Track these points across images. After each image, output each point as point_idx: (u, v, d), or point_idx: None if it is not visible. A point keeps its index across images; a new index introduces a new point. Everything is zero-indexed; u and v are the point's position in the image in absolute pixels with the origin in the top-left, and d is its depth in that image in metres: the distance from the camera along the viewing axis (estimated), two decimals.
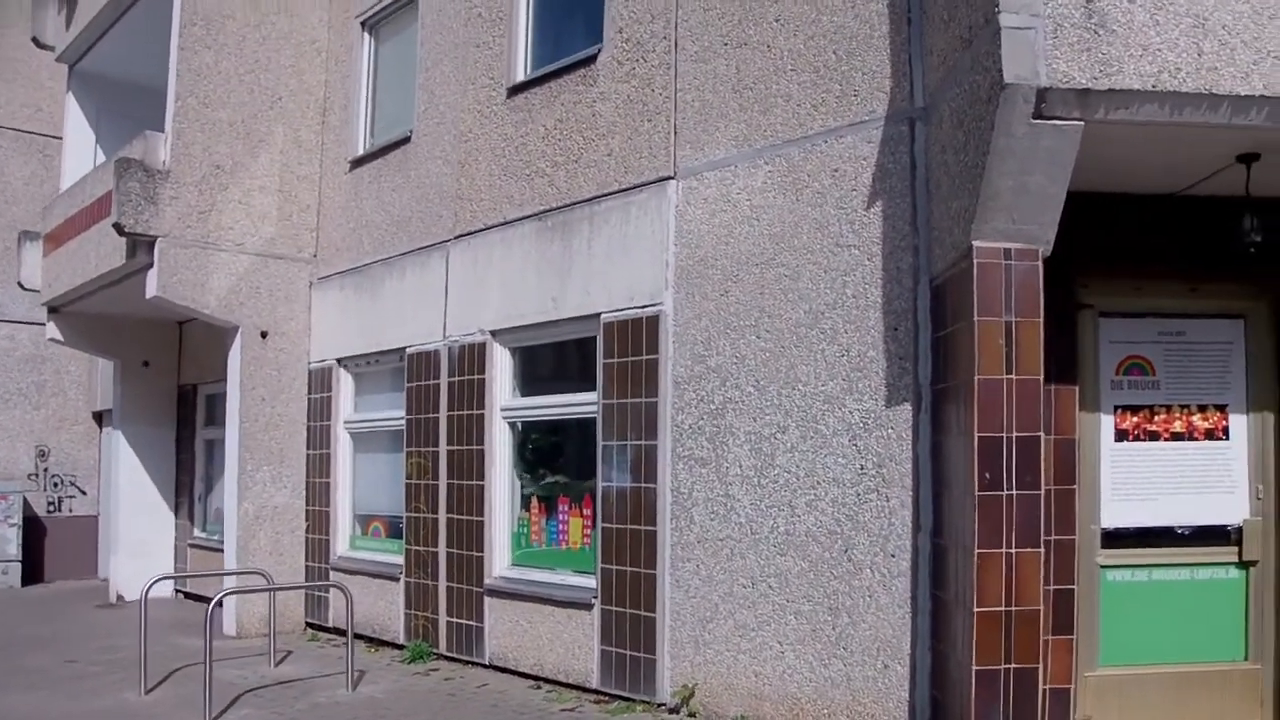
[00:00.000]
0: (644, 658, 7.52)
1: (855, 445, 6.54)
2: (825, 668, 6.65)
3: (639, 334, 7.62)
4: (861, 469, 6.52)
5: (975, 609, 5.62)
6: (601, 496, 7.87)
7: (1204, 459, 6.68)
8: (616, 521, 7.73)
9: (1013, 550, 5.63)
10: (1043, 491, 5.74)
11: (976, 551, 5.63)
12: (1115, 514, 6.57)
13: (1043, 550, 5.71)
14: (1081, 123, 5.27)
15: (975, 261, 5.68)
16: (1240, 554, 6.63)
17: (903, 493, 6.35)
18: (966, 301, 5.67)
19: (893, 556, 6.39)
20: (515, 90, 8.96)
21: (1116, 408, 6.60)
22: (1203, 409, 6.67)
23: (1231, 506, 6.65)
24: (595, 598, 7.88)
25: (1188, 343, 6.68)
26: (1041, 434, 5.73)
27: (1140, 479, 6.61)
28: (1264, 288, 6.61)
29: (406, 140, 10.11)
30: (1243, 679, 6.56)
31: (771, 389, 6.96)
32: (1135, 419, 6.61)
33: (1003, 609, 5.63)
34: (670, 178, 7.59)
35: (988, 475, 5.63)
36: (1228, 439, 6.66)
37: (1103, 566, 6.56)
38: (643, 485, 7.57)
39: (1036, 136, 5.31)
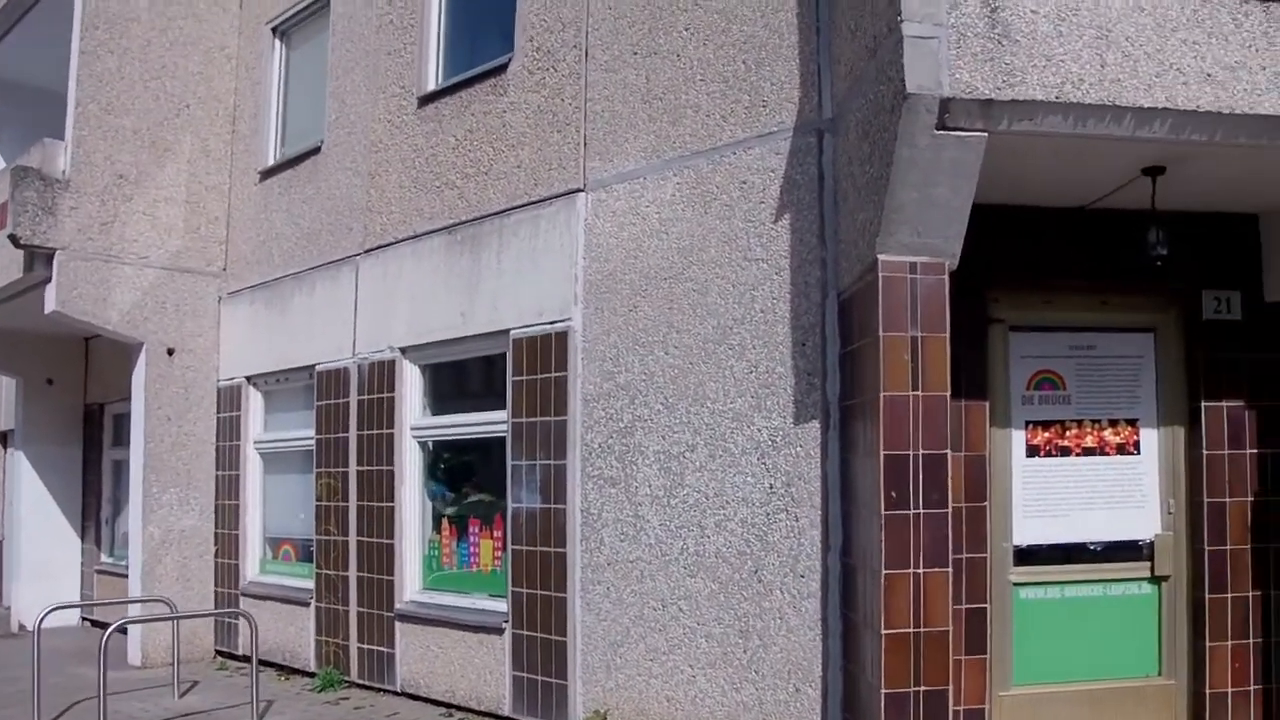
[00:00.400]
0: (555, 683, 7.31)
1: (764, 464, 6.38)
2: (737, 692, 6.48)
3: (548, 351, 7.42)
4: (770, 488, 6.36)
5: (883, 631, 5.49)
6: (511, 518, 7.66)
7: (1115, 474, 6.61)
8: (527, 543, 7.52)
9: (920, 570, 5.50)
10: (950, 510, 5.63)
11: (883, 572, 5.51)
12: (1027, 531, 6.47)
13: (952, 570, 5.60)
14: (985, 134, 5.16)
15: (880, 275, 5.56)
16: (1152, 569, 6.57)
17: (812, 512, 6.20)
18: (872, 316, 5.55)
19: (802, 577, 6.24)
20: (426, 100, 8.74)
21: (1028, 423, 6.51)
22: (1114, 423, 6.59)
23: (1143, 521, 6.59)
24: (506, 622, 7.67)
25: (1098, 357, 6.61)
26: (949, 451, 5.62)
27: (1052, 495, 6.52)
28: (1173, 300, 6.55)
29: (317, 150, 9.85)
30: (1157, 694, 6.49)
31: (680, 406, 6.79)
32: (1046, 434, 6.51)
33: (911, 630, 5.50)
34: (580, 190, 7.40)
35: (894, 494, 5.50)
36: (1139, 453, 6.59)
37: (1015, 584, 6.45)
38: (552, 506, 7.37)
39: (940, 147, 5.19)
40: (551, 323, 7.45)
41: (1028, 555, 6.52)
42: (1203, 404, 6.56)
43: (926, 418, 5.52)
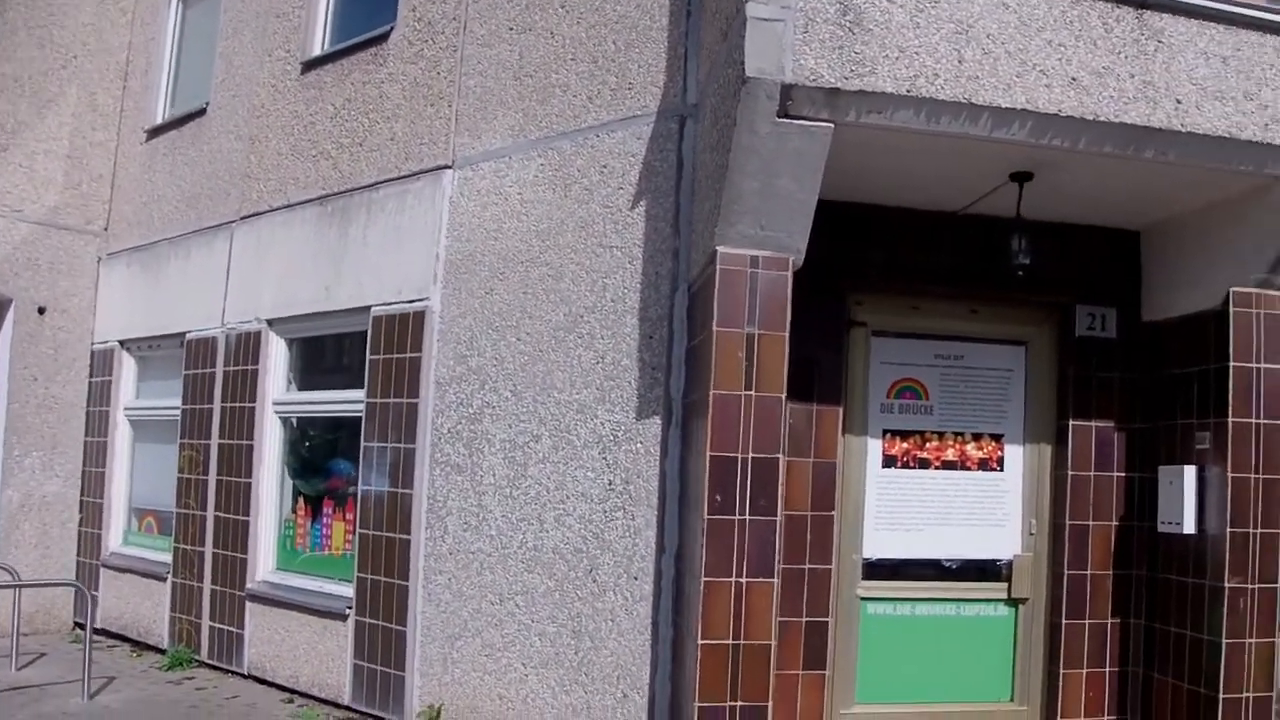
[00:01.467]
0: (394, 674, 6.99)
1: (605, 458, 6.07)
2: (567, 694, 6.17)
3: (405, 330, 7.09)
4: (610, 484, 6.05)
5: (700, 640, 5.18)
6: (361, 501, 7.31)
7: (977, 490, 6.34)
8: (374, 528, 7.18)
9: (744, 580, 5.21)
10: (781, 518, 5.43)
11: (703, 579, 5.16)
12: (879, 544, 6.20)
13: (782, 581, 5.34)
14: (831, 125, 4.87)
15: (718, 268, 5.25)
16: (1010, 590, 6.31)
17: (648, 512, 5.90)
18: (709, 310, 5.21)
19: (636, 579, 5.93)
20: (310, 66, 8.38)
21: (886, 432, 6.22)
22: (978, 438, 6.33)
23: (1003, 541, 6.32)
24: (350, 608, 7.33)
25: (966, 368, 6.34)
26: (782, 456, 5.38)
27: (908, 508, 6.24)
28: (1047, 314, 6.30)
29: (202, 112, 9.46)
30: None
31: (528, 395, 6.46)
32: (905, 445, 6.23)
33: (730, 642, 5.22)
34: (447, 167, 7.06)
35: (719, 497, 5.21)
36: (1002, 470, 6.33)
37: (863, 599, 6.17)
38: (399, 490, 7.03)
39: (783, 137, 4.88)
40: (410, 302, 7.11)
41: (878, 569, 6.25)
42: (1071, 422, 6.31)
43: (759, 419, 5.22)
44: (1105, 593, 6.35)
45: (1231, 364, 5.75)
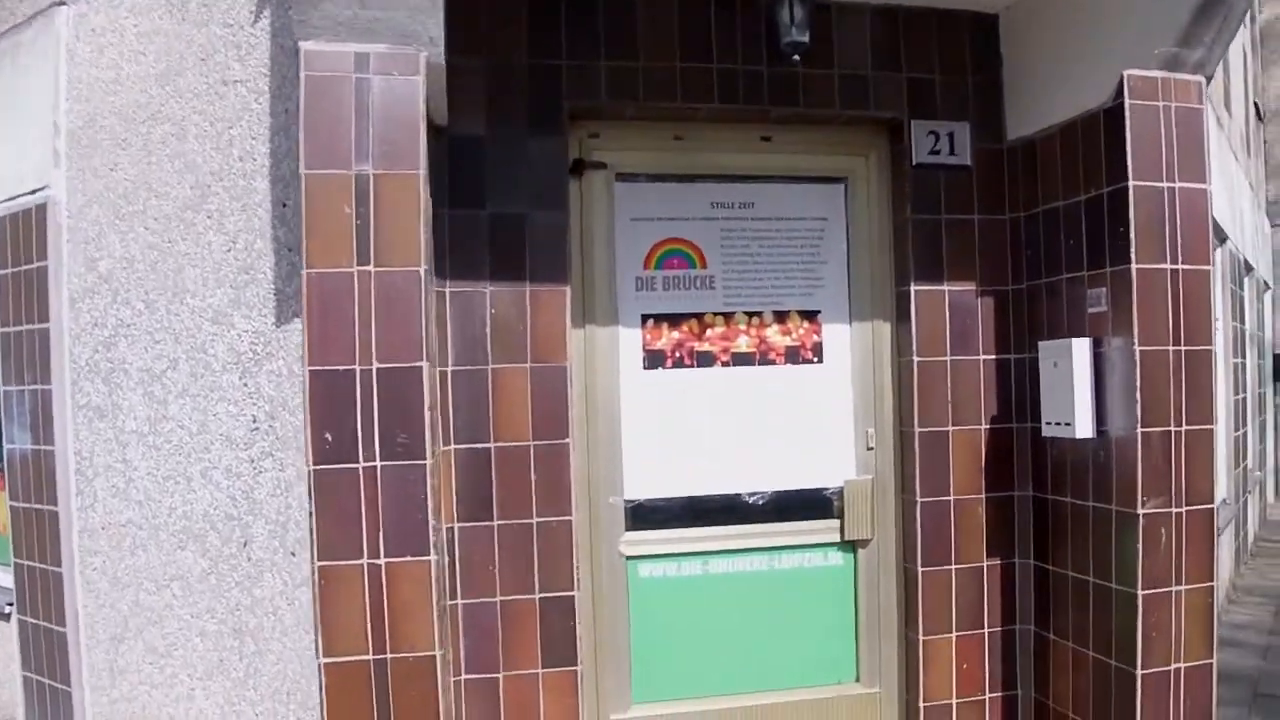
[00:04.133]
0: (61, 689, 5.07)
1: (246, 385, 4.15)
2: (236, 716, 4.22)
3: (28, 232, 5.10)
4: (254, 422, 4.14)
5: (322, 659, 3.18)
6: (7, 463, 5.32)
7: (786, 393, 4.47)
8: (23, 498, 5.22)
9: (380, 561, 3.26)
10: (431, 462, 3.59)
11: (316, 564, 3.17)
12: (647, 480, 4.30)
13: (437, 558, 3.57)
14: None
15: (302, 74, 3.27)
16: (844, 530, 4.36)
17: (298, 458, 3.92)
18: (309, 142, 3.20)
19: (293, 555, 4.05)
20: None
21: (646, 318, 4.26)
22: (782, 318, 4.39)
23: (829, 462, 4.39)
24: (11, 604, 5.35)
25: (759, 220, 4.38)
26: (425, 363, 3.48)
27: (686, 426, 4.35)
28: (872, 136, 4.45)
29: None
30: (855, 709, 4.42)
31: (161, 304, 4.51)
32: (676, 335, 4.24)
33: (369, 658, 3.26)
34: (62, 2, 4.92)
35: (328, 437, 3.17)
36: (821, 361, 4.37)
37: (629, 558, 4.26)
38: (42, 447, 5.04)
39: None
40: (31, 193, 5.05)
41: (649, 515, 4.36)
42: (914, 288, 4.35)
43: (385, 310, 3.29)
44: (976, 525, 4.49)
45: (1131, 184, 3.83)
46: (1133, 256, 3.84)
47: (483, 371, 4.10)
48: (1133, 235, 3.83)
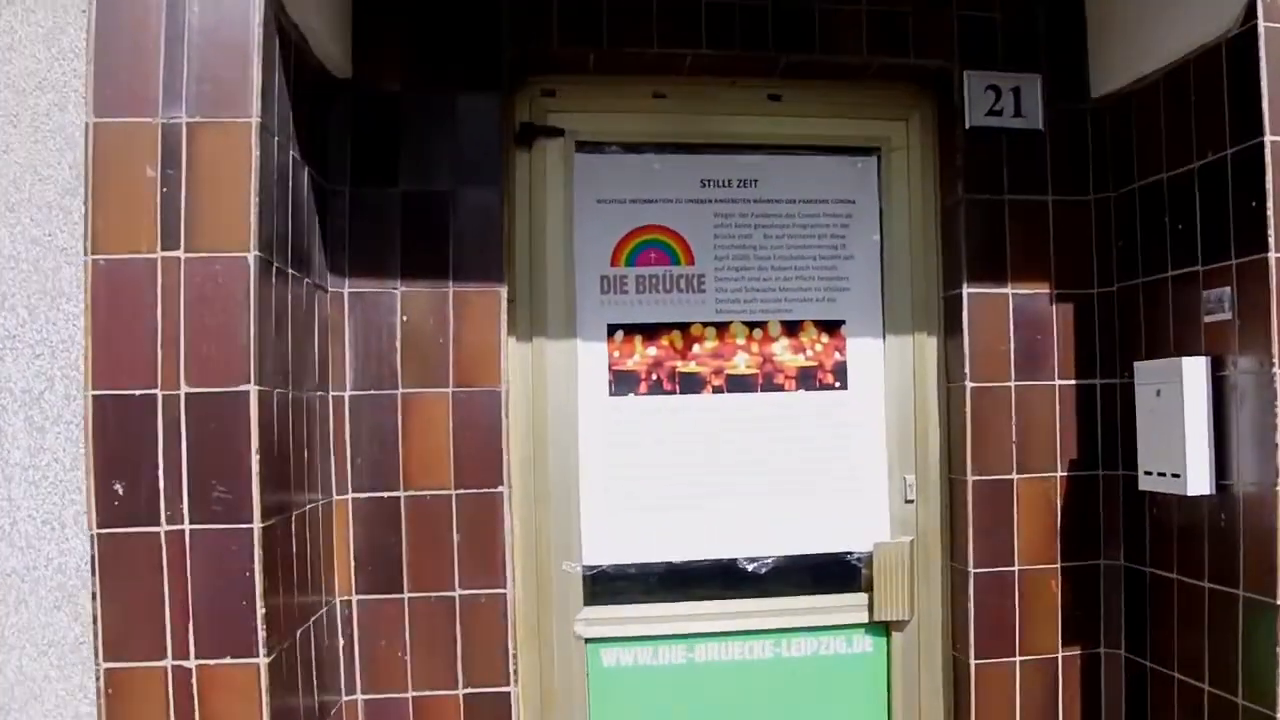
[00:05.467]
0: None
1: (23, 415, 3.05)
2: None
3: None
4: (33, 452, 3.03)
5: None
6: None
7: (798, 428, 3.24)
8: None
9: (190, 663, 2.41)
10: (260, 527, 2.58)
11: (101, 668, 2.26)
12: (613, 540, 3.35)
13: (270, 659, 2.49)
14: None
15: None
16: (873, 607, 3.18)
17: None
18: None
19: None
20: None
21: (613, 329, 3.21)
22: (793, 330, 3.31)
23: (855, 518, 3.21)
24: None
25: (765, 203, 3.29)
26: (253, 386, 2.53)
27: (666, 470, 3.27)
28: (915, 94, 3.49)
29: None
30: None
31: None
32: (653, 351, 3.21)
33: None
34: None
35: (118, 489, 2.25)
36: (845, 387, 3.21)
37: (589, 641, 3.21)
38: None
39: None
40: None
41: (614, 585, 3.36)
42: (966, 290, 3.16)
43: (201, 309, 2.18)
44: (1048, 604, 3.35)
45: (1268, 138, 2.76)
46: (1271, 241, 2.63)
47: (391, 398, 3.04)
48: (1270, 211, 2.62)
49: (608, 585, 3.39)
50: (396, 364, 3.12)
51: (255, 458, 2.38)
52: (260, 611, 2.38)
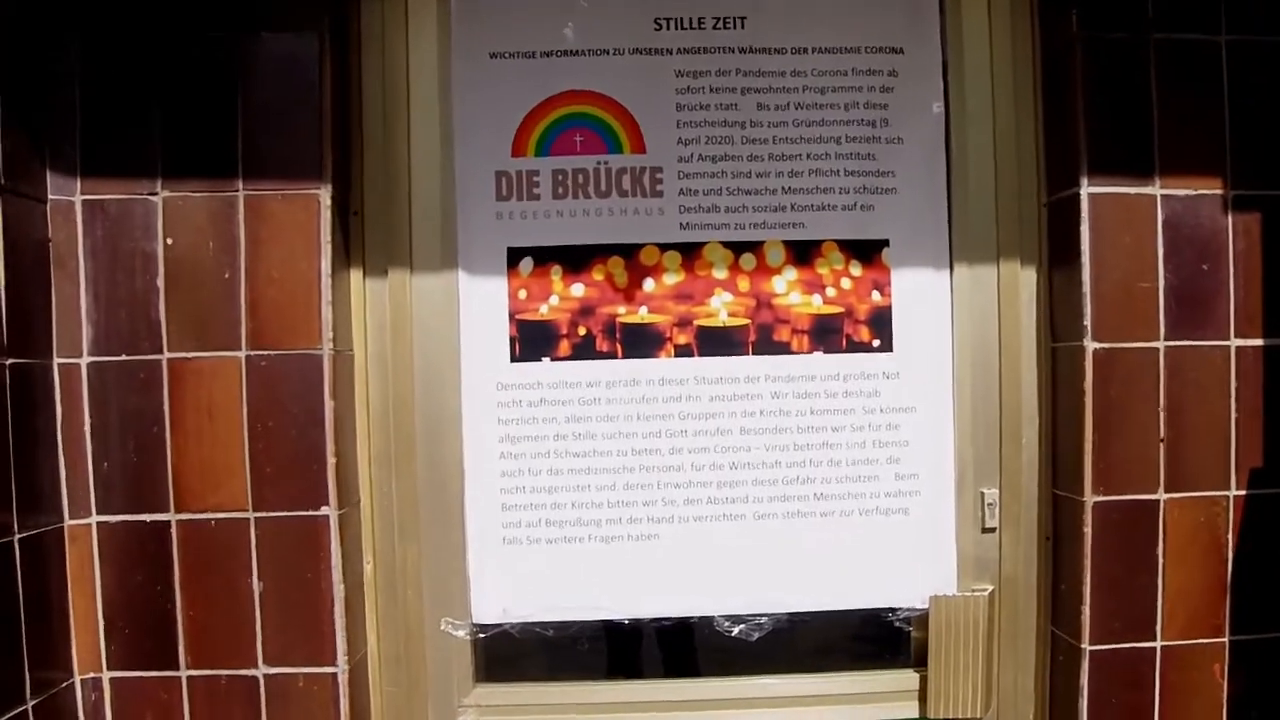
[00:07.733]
0: None
1: None
2: None
3: None
4: None
5: None
6: None
7: (813, 413, 1.89)
8: None
9: None
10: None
11: None
12: (517, 586, 2.26)
13: None
14: None
15: None
16: (925, 695, 1.85)
17: None
18: None
19: None
20: None
21: (517, 255, 2.07)
22: (806, 256, 2.05)
23: (899, 556, 1.94)
24: None
25: (757, 54, 2.16)
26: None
27: (600, 477, 1.91)
28: None
29: None
30: None
31: None
32: (584, 290, 2.07)
33: None
34: None
35: None
36: (888, 348, 1.89)
37: None
38: None
39: None
40: None
41: (520, 654, 2.05)
42: (1085, 190, 1.90)
43: None
44: (1211, 699, 2.02)
45: None
46: None
47: (151, 366, 1.88)
48: None
49: (511, 654, 2.13)
50: (159, 314, 1.91)
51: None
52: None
